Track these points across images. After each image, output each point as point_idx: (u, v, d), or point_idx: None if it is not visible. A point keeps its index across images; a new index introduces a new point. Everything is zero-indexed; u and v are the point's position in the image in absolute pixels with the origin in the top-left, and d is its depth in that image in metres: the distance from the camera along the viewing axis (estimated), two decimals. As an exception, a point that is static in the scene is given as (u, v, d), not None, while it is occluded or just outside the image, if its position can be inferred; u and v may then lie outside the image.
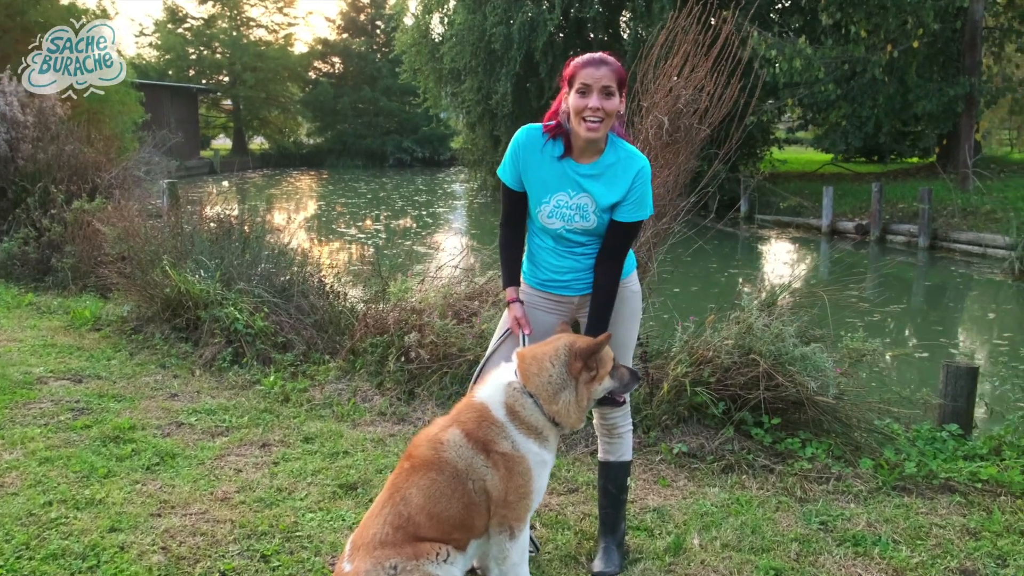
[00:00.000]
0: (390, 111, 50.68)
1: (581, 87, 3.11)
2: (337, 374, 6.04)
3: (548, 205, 3.25)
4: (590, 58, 3.16)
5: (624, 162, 3.23)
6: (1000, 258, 13.68)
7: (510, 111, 24.40)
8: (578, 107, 3.11)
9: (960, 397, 5.29)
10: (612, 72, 3.12)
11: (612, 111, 3.12)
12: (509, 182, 3.35)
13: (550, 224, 3.26)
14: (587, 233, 3.26)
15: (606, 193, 3.20)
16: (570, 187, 3.23)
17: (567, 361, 3.01)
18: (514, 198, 3.37)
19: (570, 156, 3.24)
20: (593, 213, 3.21)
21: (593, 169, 3.22)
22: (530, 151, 3.29)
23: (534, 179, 3.28)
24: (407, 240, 18.43)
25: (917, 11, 16.80)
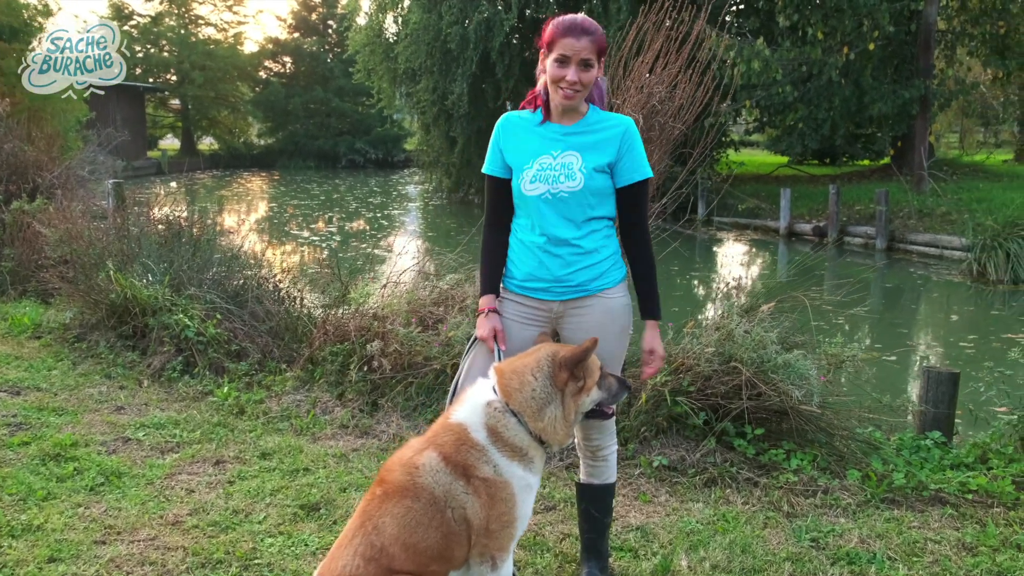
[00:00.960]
0: (343, 112, 50.08)
1: (560, 57, 2.95)
2: (295, 384, 5.73)
3: (530, 170, 3.05)
4: (571, 25, 2.98)
5: (608, 120, 3.09)
6: (957, 259, 13.76)
7: (466, 112, 24.12)
8: (555, 76, 2.97)
9: (941, 403, 5.16)
10: (592, 43, 2.95)
11: (588, 82, 2.98)
12: (492, 169, 3.16)
13: (533, 191, 3.04)
14: (573, 202, 3.02)
15: (592, 149, 3.03)
16: (553, 147, 3.06)
17: (551, 372, 2.76)
18: (499, 190, 3.17)
19: (549, 120, 3.09)
20: (580, 171, 3.00)
21: (576, 128, 3.07)
22: (511, 127, 3.16)
23: (516, 149, 3.10)
24: (363, 243, 18.08)
25: (873, 13, 16.89)
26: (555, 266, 3.08)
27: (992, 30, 19.37)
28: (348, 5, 50.49)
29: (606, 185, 3.07)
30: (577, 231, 3.07)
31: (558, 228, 3.06)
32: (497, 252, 3.22)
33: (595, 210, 3.08)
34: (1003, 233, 12.62)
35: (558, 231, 3.06)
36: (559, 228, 3.06)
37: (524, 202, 3.10)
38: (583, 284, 3.09)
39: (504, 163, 3.14)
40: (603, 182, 3.06)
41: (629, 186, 3.07)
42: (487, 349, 3.15)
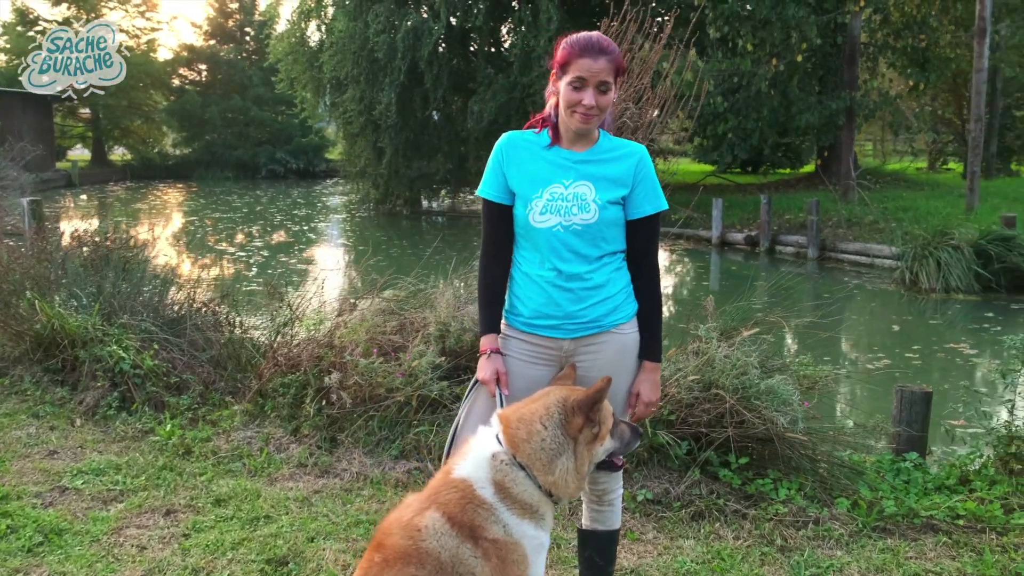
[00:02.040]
0: (262, 121, 49.02)
1: (575, 81, 2.73)
2: (244, 419, 5.37)
3: (540, 200, 2.81)
4: (587, 44, 2.75)
5: (621, 148, 2.89)
6: (888, 268, 13.99)
7: (395, 122, 23.73)
8: (571, 101, 2.75)
9: (915, 423, 5.10)
10: (611, 64, 2.75)
11: (606, 106, 2.78)
12: (492, 194, 2.91)
13: (543, 223, 2.80)
14: (587, 235, 2.81)
15: (605, 179, 2.82)
16: (564, 175, 2.83)
17: (562, 420, 2.52)
18: (499, 217, 2.92)
19: (558, 144, 2.87)
20: (593, 202, 2.79)
21: (589, 155, 2.85)
22: (515, 148, 2.90)
23: (523, 175, 2.86)
24: (291, 257, 17.56)
25: (801, 26, 17.18)
26: (566, 302, 2.85)
27: (914, 43, 19.93)
28: (267, 12, 49.52)
29: (619, 217, 2.86)
30: (589, 265, 2.84)
31: (570, 262, 2.83)
32: (497, 287, 2.97)
33: (609, 243, 2.87)
34: (933, 242, 12.87)
35: (570, 266, 2.83)
36: (571, 262, 2.83)
37: (532, 234, 2.85)
38: (596, 320, 2.87)
39: (507, 188, 2.89)
40: (616, 214, 2.84)
41: (642, 219, 2.87)
42: (489, 393, 2.90)
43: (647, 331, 2.94)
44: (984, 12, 15.09)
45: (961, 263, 12.38)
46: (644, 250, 2.93)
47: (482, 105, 22.43)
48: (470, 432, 2.75)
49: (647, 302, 2.94)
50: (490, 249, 2.96)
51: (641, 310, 2.94)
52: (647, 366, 2.93)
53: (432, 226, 24.93)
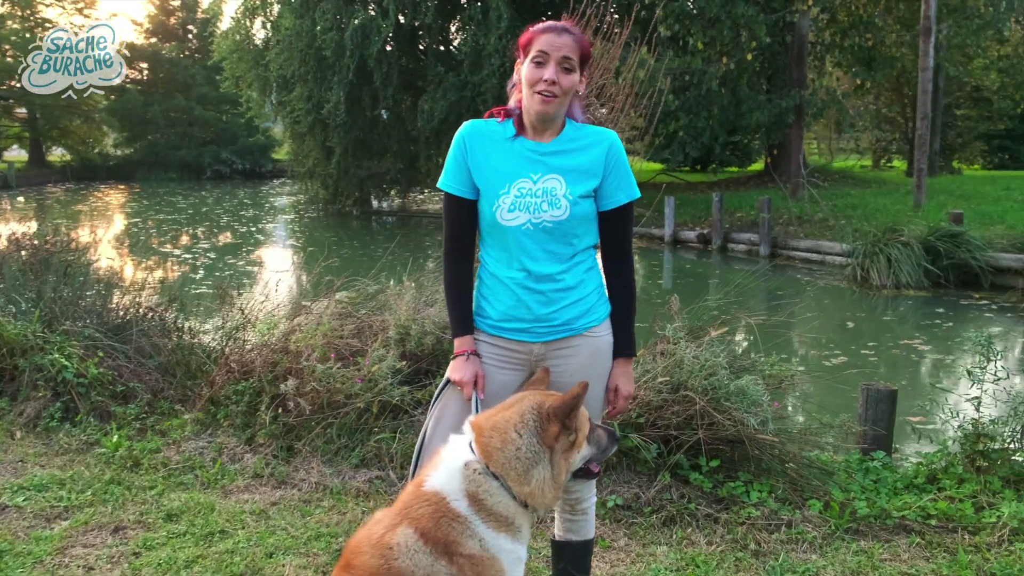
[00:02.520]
0: (206, 120, 48.12)
1: (538, 55, 2.62)
2: (195, 429, 5.15)
3: (508, 196, 2.68)
4: (552, 24, 2.67)
5: (591, 136, 2.74)
6: (839, 265, 14.13)
7: (344, 121, 23.38)
8: (532, 78, 2.62)
9: (881, 421, 5.07)
10: (575, 43, 2.64)
11: (569, 88, 2.65)
12: (454, 187, 2.76)
13: (512, 220, 2.67)
14: (558, 233, 2.68)
15: (575, 171, 2.69)
16: (532, 169, 2.69)
17: (538, 427, 2.39)
18: (462, 210, 2.77)
19: (523, 135, 2.72)
20: (564, 197, 2.66)
21: (557, 146, 2.71)
22: (478, 138, 2.74)
23: (488, 169, 2.71)
24: (238, 259, 17.18)
25: (750, 25, 17.30)
26: (536, 304, 2.72)
27: (860, 42, 20.21)
28: (210, 9, 48.67)
29: (592, 211, 2.74)
30: (561, 264, 2.72)
31: (541, 262, 2.70)
32: (464, 284, 2.84)
33: (581, 240, 2.75)
34: (883, 239, 13.01)
35: (541, 266, 2.70)
36: (542, 262, 2.70)
37: (499, 232, 2.72)
38: (568, 323, 2.75)
39: (470, 182, 2.75)
40: (589, 208, 2.72)
41: (614, 209, 2.75)
42: (460, 397, 2.76)
43: (622, 328, 2.83)
44: (929, 11, 15.33)
45: (911, 259, 12.54)
46: (619, 242, 2.82)
47: (432, 104, 22.22)
48: (440, 441, 2.62)
49: (620, 297, 2.84)
50: (453, 245, 2.82)
51: (616, 307, 2.83)
52: (620, 361, 2.83)
53: (383, 226, 24.66)
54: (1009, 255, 12.44)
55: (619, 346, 2.82)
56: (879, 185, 21.78)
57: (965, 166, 31.32)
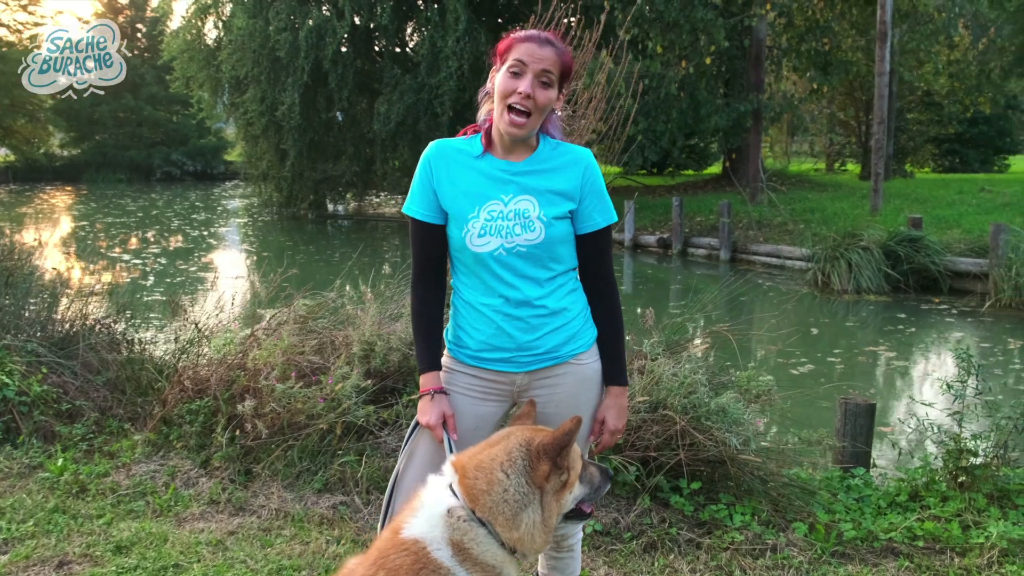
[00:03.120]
0: (156, 121, 47.29)
1: (515, 64, 2.41)
2: (147, 450, 4.87)
3: (477, 220, 2.47)
4: (535, 33, 2.46)
5: (564, 155, 2.54)
6: (799, 270, 14.14)
7: (298, 123, 22.97)
8: (505, 89, 2.41)
9: (860, 436, 4.96)
10: (557, 57, 2.43)
11: (545, 105, 2.43)
12: (420, 213, 2.55)
13: (483, 246, 2.47)
14: (534, 257, 2.48)
15: (549, 192, 2.49)
16: (503, 190, 2.48)
17: (527, 466, 2.20)
18: (431, 237, 2.56)
19: (492, 152, 2.52)
20: (538, 219, 2.46)
21: (529, 165, 2.51)
22: (445, 159, 2.54)
23: (455, 191, 2.51)
24: (191, 264, 16.73)
25: (709, 29, 17.30)
26: (517, 331, 2.52)
27: (817, 46, 20.35)
28: (159, 8, 47.75)
29: (568, 232, 2.54)
30: (541, 289, 2.52)
31: (518, 288, 2.50)
32: (434, 315, 2.62)
33: (560, 263, 2.55)
34: (843, 244, 13.03)
35: (518, 292, 2.50)
36: (519, 288, 2.50)
37: (472, 259, 2.51)
38: (553, 350, 2.55)
39: (437, 207, 2.54)
40: (565, 229, 2.52)
41: (591, 233, 2.55)
42: (433, 438, 2.55)
43: (610, 355, 2.64)
44: (885, 17, 15.44)
45: (871, 264, 12.57)
46: (597, 266, 2.62)
47: (389, 106, 21.93)
48: (415, 481, 2.41)
49: (607, 324, 2.64)
50: (422, 274, 2.61)
51: (601, 333, 2.64)
52: (613, 391, 2.63)
53: (338, 230, 24.28)
54: (967, 259, 12.52)
55: (609, 374, 2.63)
56: (835, 189, 21.94)
57: (916, 169, 31.79)
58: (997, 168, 33.55)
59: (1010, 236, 11.52)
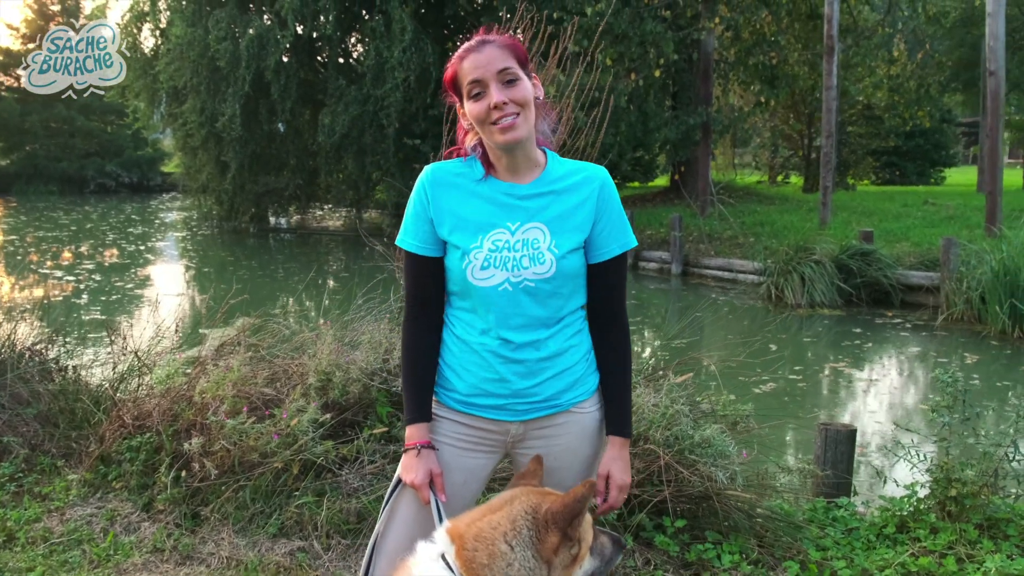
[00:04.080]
0: (89, 131, 45.99)
1: (471, 86, 2.13)
2: (83, 492, 4.47)
3: (480, 251, 2.19)
4: (467, 46, 2.18)
5: (577, 173, 2.26)
6: (752, 283, 14.09)
7: (239, 135, 22.38)
8: (479, 114, 2.14)
9: (841, 463, 4.79)
10: (501, 49, 2.14)
11: (524, 99, 2.14)
12: (417, 246, 2.27)
13: (486, 280, 2.19)
14: (543, 294, 2.21)
15: (562, 220, 2.22)
16: (509, 217, 2.21)
17: (533, 537, 1.93)
18: (427, 271, 2.28)
19: (494, 175, 2.24)
20: (549, 251, 2.19)
21: (537, 187, 2.23)
22: (442, 185, 2.26)
23: (455, 219, 2.23)
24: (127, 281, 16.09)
25: (658, 42, 17.27)
26: (515, 376, 2.24)
27: (764, 60, 20.50)
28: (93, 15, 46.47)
29: (581, 266, 2.27)
30: (547, 330, 2.24)
31: (521, 329, 2.22)
32: (428, 362, 2.33)
33: (569, 301, 2.27)
34: (795, 258, 13.01)
35: (521, 333, 2.22)
36: (522, 329, 2.23)
37: (472, 294, 2.23)
38: (552, 398, 2.28)
39: (434, 237, 2.25)
40: (578, 263, 2.25)
41: (605, 261, 2.28)
42: (417, 498, 2.26)
43: (616, 401, 2.36)
44: (832, 31, 15.55)
45: (824, 278, 12.56)
46: (610, 300, 2.34)
47: (333, 118, 21.49)
48: (398, 546, 2.12)
49: (615, 366, 2.36)
50: (417, 311, 2.33)
51: (608, 377, 2.37)
52: (616, 442, 2.35)
53: (281, 244, 23.73)
54: (918, 273, 12.59)
55: (613, 423, 2.35)
56: (781, 202, 22.09)
57: (856, 182, 32.29)
58: (934, 180, 34.29)
59: (960, 250, 11.59)
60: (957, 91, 32.15)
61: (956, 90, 31.85)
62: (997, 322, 10.27)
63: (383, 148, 21.66)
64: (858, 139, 28.72)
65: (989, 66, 13.77)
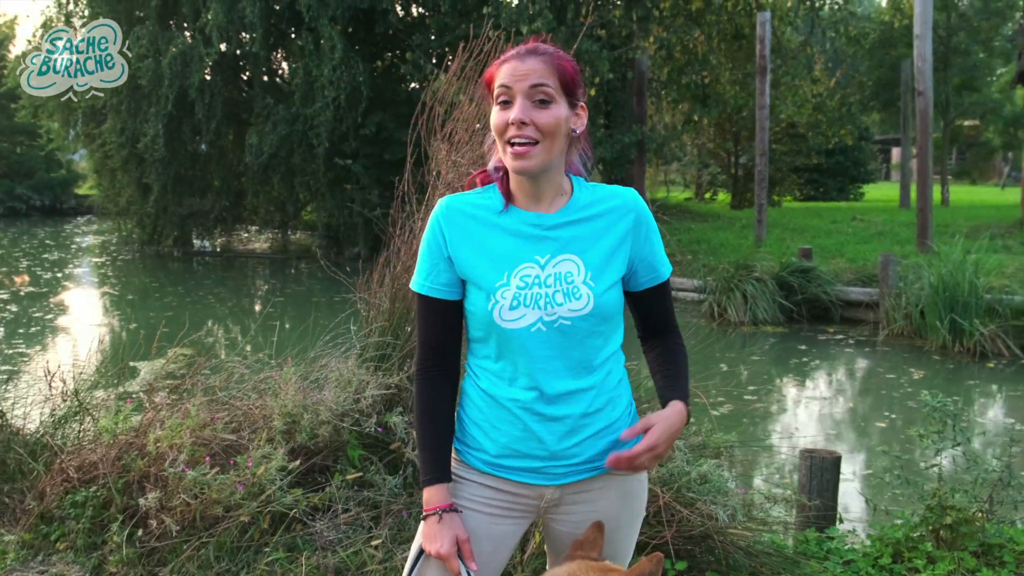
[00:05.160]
0: (-2, 152, 44.19)
1: (501, 92, 1.91)
2: (22, 555, 4.06)
3: (508, 289, 1.95)
4: (515, 49, 1.96)
5: (609, 199, 2.05)
6: (692, 301, 14.10)
7: (162, 155, 21.59)
8: (498, 125, 1.92)
9: (826, 491, 4.68)
10: (546, 65, 1.91)
11: (551, 127, 1.90)
12: (431, 287, 2.03)
13: (516, 321, 1.95)
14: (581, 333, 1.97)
15: (598, 247, 1.99)
16: (537, 249, 1.98)
17: None
18: (446, 315, 2.05)
19: (515, 204, 2.01)
20: (585, 285, 1.95)
21: (567, 215, 2.00)
22: (459, 219, 2.02)
23: (477, 256, 1.99)
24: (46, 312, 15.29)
25: (594, 61, 17.27)
26: (553, 436, 2.00)
27: (697, 79, 20.73)
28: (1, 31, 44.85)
29: (620, 300, 2.04)
30: (586, 378, 2.00)
31: (559, 376, 1.98)
32: (445, 414, 2.07)
33: (608, 341, 2.04)
34: (736, 275, 13.06)
35: (559, 381, 1.98)
36: (560, 376, 1.98)
37: (498, 338, 1.99)
38: (593, 459, 2.04)
39: (453, 278, 2.02)
40: (617, 297, 2.02)
41: (653, 288, 2.07)
42: (440, 569, 2.00)
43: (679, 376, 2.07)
44: (764, 51, 15.76)
45: (766, 295, 12.62)
46: (665, 324, 2.12)
47: (261, 138, 20.92)
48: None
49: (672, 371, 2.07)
50: (433, 359, 2.07)
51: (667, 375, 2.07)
52: (675, 406, 1.98)
53: (207, 268, 22.97)
54: (857, 289, 12.74)
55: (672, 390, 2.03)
56: (713, 219, 22.31)
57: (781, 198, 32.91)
58: (853, 196, 35.19)
59: (898, 266, 11.76)
60: (876, 110, 33.11)
61: (875, 109, 32.81)
62: (938, 337, 10.41)
63: (313, 168, 21.19)
64: (782, 157, 29.26)
65: (918, 86, 14.09)
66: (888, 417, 8.08)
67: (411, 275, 2.11)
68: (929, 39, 13.96)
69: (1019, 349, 10.00)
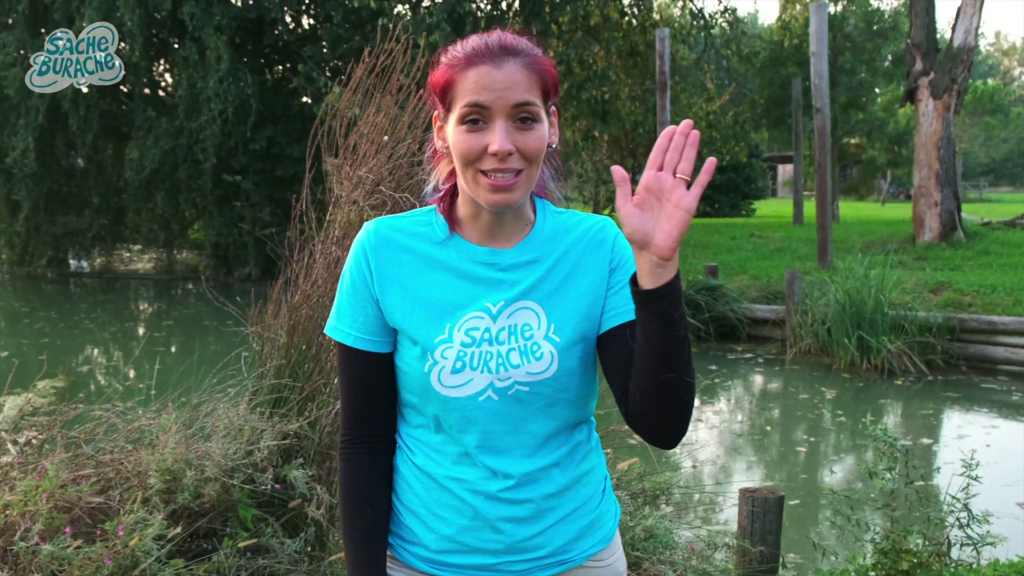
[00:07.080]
0: None
1: (470, 110, 1.43)
2: None
3: (450, 346, 1.49)
4: (481, 45, 1.46)
5: (578, 227, 1.59)
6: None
7: (33, 171, 20.18)
8: (469, 152, 1.43)
9: (770, 535, 4.32)
10: (529, 70, 1.45)
11: (537, 151, 1.45)
12: (353, 336, 1.55)
13: (459, 388, 1.49)
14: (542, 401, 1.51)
15: (565, 292, 1.54)
16: (489, 295, 1.52)
17: None
18: (372, 372, 1.56)
19: (461, 232, 1.55)
20: (547, 340, 1.51)
21: (526, 251, 1.55)
22: (390, 250, 1.54)
23: (411, 302, 1.52)
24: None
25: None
26: (510, 524, 1.54)
27: (597, 95, 20.62)
28: None
29: (592, 358, 1.58)
30: (551, 453, 1.55)
31: (514, 456, 1.53)
32: (376, 499, 1.59)
33: (577, 409, 1.59)
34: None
35: (515, 462, 1.53)
36: (517, 456, 1.53)
37: (439, 407, 1.52)
38: (562, 551, 1.59)
39: (381, 325, 1.54)
40: (586, 353, 1.56)
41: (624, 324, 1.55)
42: None
43: None
44: (664, 67, 15.72)
45: (673, 314, 12.41)
46: None
47: (142, 152, 19.81)
48: None
49: None
50: (360, 428, 1.59)
51: None
52: None
53: (84, 290, 21.57)
54: (763, 306, 12.67)
55: None
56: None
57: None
58: (745, 212, 35.96)
59: (802, 283, 11.72)
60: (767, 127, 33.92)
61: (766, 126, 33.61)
62: (846, 354, 10.36)
63: (199, 185, 20.18)
64: (679, 173, 29.58)
65: (815, 103, 14.24)
66: (808, 441, 7.88)
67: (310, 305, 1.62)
68: (825, 56, 14.12)
69: (924, 366, 10.02)
